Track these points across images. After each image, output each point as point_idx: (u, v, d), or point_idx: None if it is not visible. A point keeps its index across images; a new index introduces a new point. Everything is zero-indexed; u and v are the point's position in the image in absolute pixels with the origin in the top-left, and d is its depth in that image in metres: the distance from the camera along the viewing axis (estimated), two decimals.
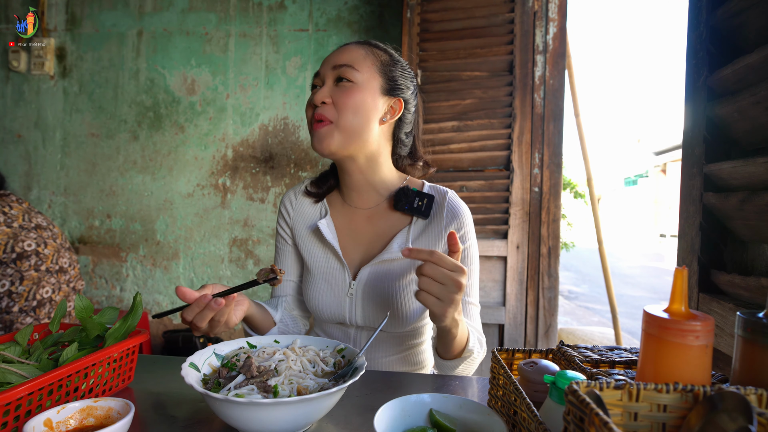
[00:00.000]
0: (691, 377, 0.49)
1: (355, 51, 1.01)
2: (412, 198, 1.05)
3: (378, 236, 1.08)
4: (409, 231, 1.05)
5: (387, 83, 1.01)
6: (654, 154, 21.50)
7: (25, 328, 0.78)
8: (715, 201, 0.90)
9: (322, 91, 0.98)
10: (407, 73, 1.06)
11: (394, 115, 1.04)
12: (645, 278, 9.74)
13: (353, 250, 1.09)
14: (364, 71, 0.98)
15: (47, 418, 0.60)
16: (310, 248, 1.13)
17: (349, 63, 0.98)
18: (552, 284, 2.19)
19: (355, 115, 0.97)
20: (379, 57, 1.02)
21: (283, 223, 1.18)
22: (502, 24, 2.22)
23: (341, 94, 0.97)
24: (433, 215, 1.05)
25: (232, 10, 2.76)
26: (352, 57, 0.99)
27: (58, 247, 1.54)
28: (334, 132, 0.97)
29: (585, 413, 0.40)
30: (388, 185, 1.08)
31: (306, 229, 1.14)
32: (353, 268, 1.09)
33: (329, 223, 1.10)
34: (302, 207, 1.16)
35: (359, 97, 0.97)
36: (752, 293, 0.81)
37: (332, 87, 0.99)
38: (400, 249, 1.01)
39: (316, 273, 1.11)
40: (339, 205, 1.13)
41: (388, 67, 1.02)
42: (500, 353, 0.75)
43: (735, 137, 0.91)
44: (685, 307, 0.51)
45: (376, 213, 1.09)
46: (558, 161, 2.20)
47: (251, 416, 0.61)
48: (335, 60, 1.00)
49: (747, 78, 0.82)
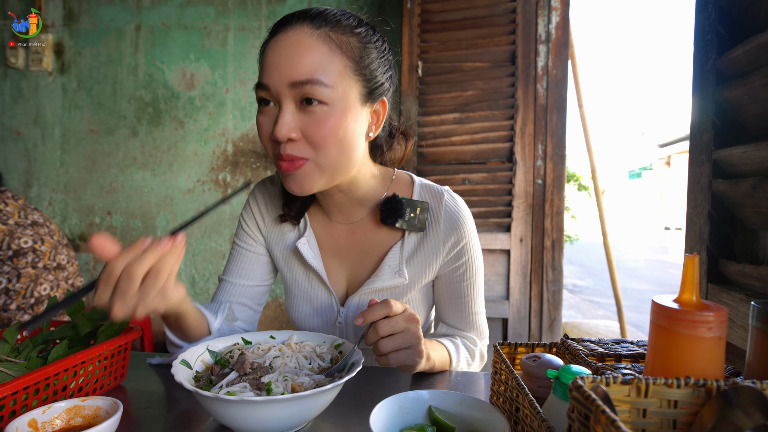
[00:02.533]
0: (704, 371, 0.46)
1: (315, 49, 0.72)
2: (402, 210, 0.87)
3: (365, 255, 0.94)
4: (402, 249, 0.91)
5: (365, 85, 0.78)
6: (658, 146, 21.34)
7: (12, 326, 0.76)
8: (724, 188, 0.87)
9: (285, 121, 0.72)
10: (382, 53, 0.81)
11: (380, 122, 0.84)
12: (650, 271, 9.69)
13: (338, 271, 0.96)
14: (336, 83, 0.73)
15: (32, 418, 0.58)
16: (289, 267, 0.98)
17: (314, 78, 0.71)
18: (556, 277, 2.16)
19: (340, 148, 0.75)
20: (347, 47, 0.75)
21: (251, 223, 1.00)
22: (503, 14, 2.18)
23: (313, 125, 0.73)
24: (429, 226, 0.91)
25: (231, 3, 2.73)
26: (314, 64, 0.72)
27: (56, 243, 1.53)
28: (314, 172, 0.76)
29: (590, 410, 0.37)
30: (372, 196, 0.92)
31: (284, 246, 0.98)
32: (340, 294, 0.96)
33: (311, 242, 0.94)
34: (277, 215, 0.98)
35: (339, 126, 0.74)
36: (764, 283, 0.78)
37: (295, 113, 0.73)
38: (393, 274, 0.90)
39: (298, 293, 0.98)
40: (319, 220, 0.97)
41: (362, 60, 0.77)
42: (502, 347, 0.73)
43: (745, 122, 0.88)
44: (696, 296, 0.49)
45: (360, 227, 0.94)
46: (561, 153, 2.16)
47: (243, 415, 0.59)
48: (290, 74, 0.72)
49: (759, 59, 0.79)
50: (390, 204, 0.88)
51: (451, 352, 0.92)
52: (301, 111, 0.73)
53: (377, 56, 0.80)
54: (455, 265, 0.93)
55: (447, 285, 0.96)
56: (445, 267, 0.94)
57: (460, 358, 0.94)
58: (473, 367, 0.99)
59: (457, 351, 0.94)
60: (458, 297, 0.96)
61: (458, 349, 0.95)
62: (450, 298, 0.97)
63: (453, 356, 0.92)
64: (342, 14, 0.78)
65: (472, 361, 0.98)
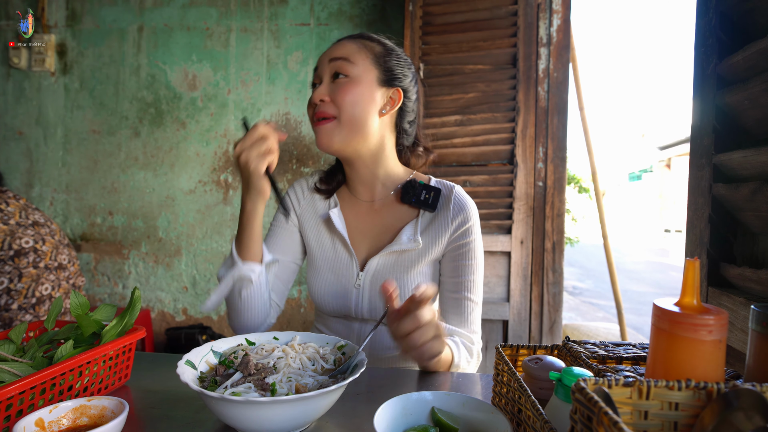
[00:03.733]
0: (704, 374, 0.47)
1: (349, 45, 1.03)
2: (419, 191, 1.06)
3: (386, 228, 1.10)
4: (417, 223, 1.07)
5: (383, 74, 1.03)
6: (659, 148, 21.35)
7: (19, 326, 0.77)
8: (724, 192, 0.88)
9: (320, 89, 1.01)
10: (403, 62, 1.07)
11: (394, 106, 1.05)
12: (650, 273, 9.69)
13: (361, 241, 1.11)
14: (358, 63, 1.00)
15: (39, 417, 0.59)
16: (318, 237, 1.14)
17: (344, 56, 1.00)
18: (556, 279, 2.16)
19: (354, 108, 0.99)
20: (372, 49, 1.03)
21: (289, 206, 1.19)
22: (505, 16, 2.19)
23: (338, 89, 0.99)
24: (440, 208, 1.07)
25: (233, 4, 2.74)
26: (345, 51, 1.01)
27: (57, 243, 1.53)
28: (335, 127, 0.99)
29: (593, 412, 0.38)
30: (394, 178, 1.11)
31: (315, 219, 1.15)
32: (361, 259, 1.11)
33: (339, 214, 1.12)
34: (313, 197, 1.18)
35: (356, 91, 0.99)
36: (764, 287, 0.79)
37: (330, 84, 1.01)
38: (409, 241, 1.05)
39: (323, 264, 1.12)
40: (347, 199, 1.15)
41: (383, 58, 1.04)
42: (504, 349, 0.73)
43: (745, 126, 0.88)
44: (697, 300, 0.49)
45: (383, 206, 1.12)
46: (562, 155, 2.17)
47: (248, 415, 0.59)
48: (330, 54, 1.02)
49: (759, 64, 0.80)
50: (410, 186, 1.08)
51: (453, 349, 0.97)
52: (333, 83, 1.00)
53: (395, 58, 1.05)
54: (459, 243, 1.06)
55: (449, 262, 1.07)
56: (451, 244, 1.06)
57: (461, 356, 0.99)
58: (471, 365, 1.04)
59: (458, 349, 0.99)
60: (457, 276, 1.06)
61: (458, 347, 1.00)
62: (450, 277, 1.07)
63: (455, 352, 0.97)
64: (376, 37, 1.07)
65: (471, 359, 1.03)
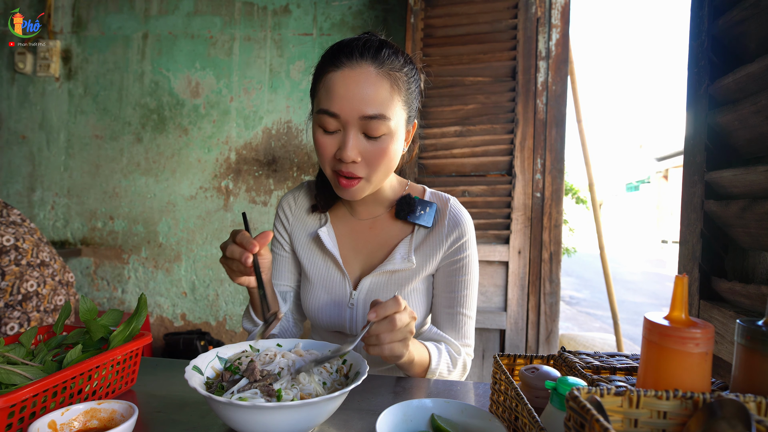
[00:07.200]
0: (691, 384, 0.50)
1: (381, 87, 0.86)
2: (414, 207, 1.04)
3: (380, 246, 1.07)
4: (411, 240, 1.04)
5: (408, 112, 0.94)
6: (656, 159, 21.47)
7: (29, 330, 0.79)
8: (716, 208, 0.91)
9: (352, 147, 0.87)
10: (417, 82, 0.97)
11: (409, 138, 1.01)
12: (646, 284, 9.71)
13: (354, 259, 1.08)
14: (394, 116, 0.88)
15: (51, 420, 0.61)
16: (309, 256, 1.11)
17: (381, 113, 0.85)
18: (553, 290, 2.19)
19: (387, 168, 0.93)
20: (402, 85, 0.90)
21: (280, 228, 1.16)
22: (505, 30, 2.23)
23: (375, 151, 0.88)
24: (435, 223, 1.04)
25: (237, 14, 2.78)
26: (380, 101, 0.85)
27: (37, 241, 1.55)
28: (366, 187, 0.93)
29: (586, 419, 0.40)
30: (389, 195, 1.07)
31: (306, 236, 1.12)
32: (354, 277, 1.08)
33: (330, 232, 1.08)
34: (301, 213, 1.14)
35: (392, 148, 0.90)
36: (752, 301, 0.81)
37: (360, 138, 0.88)
38: (403, 260, 1.02)
39: (316, 281, 1.09)
40: (341, 215, 1.11)
41: (408, 93, 0.92)
42: (502, 359, 0.76)
43: (736, 145, 0.91)
44: (685, 314, 0.52)
45: (377, 222, 1.08)
46: (560, 167, 2.20)
47: (254, 419, 0.61)
48: (362, 108, 0.85)
49: (748, 87, 0.83)
50: (404, 201, 1.04)
51: (432, 354, 0.96)
52: (366, 138, 0.88)
53: (415, 87, 0.95)
54: (454, 258, 1.04)
55: (443, 278, 1.06)
56: (445, 260, 1.04)
57: (440, 362, 0.97)
58: (453, 375, 1.02)
59: (439, 355, 0.98)
60: (451, 291, 1.05)
61: (440, 353, 0.99)
62: (444, 292, 1.06)
63: (433, 358, 0.96)
64: (394, 52, 0.90)
65: (453, 369, 1.01)
